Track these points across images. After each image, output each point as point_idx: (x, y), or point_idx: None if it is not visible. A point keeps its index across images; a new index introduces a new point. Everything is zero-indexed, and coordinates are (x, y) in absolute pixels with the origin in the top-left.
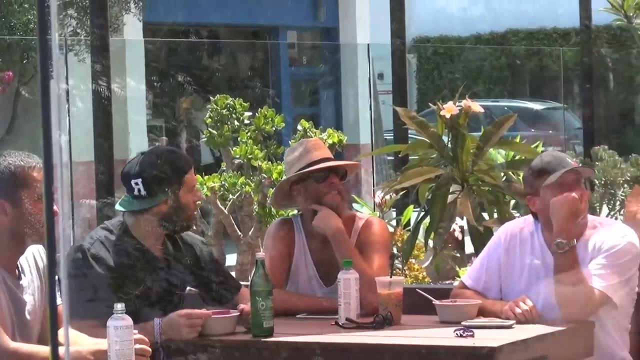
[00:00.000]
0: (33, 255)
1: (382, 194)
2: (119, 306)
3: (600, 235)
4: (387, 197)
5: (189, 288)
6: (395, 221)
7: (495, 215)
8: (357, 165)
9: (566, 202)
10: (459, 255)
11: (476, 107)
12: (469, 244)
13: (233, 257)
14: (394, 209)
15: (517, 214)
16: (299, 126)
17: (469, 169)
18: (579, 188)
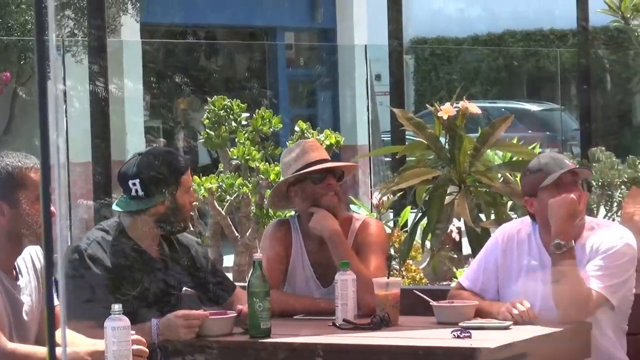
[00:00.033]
0: (30, 256)
1: (380, 195)
2: (117, 307)
3: (597, 236)
4: (385, 198)
5: (185, 288)
6: (393, 222)
7: (493, 217)
8: (354, 167)
9: (564, 203)
10: (456, 256)
11: (473, 109)
12: (466, 245)
13: (230, 258)
14: (392, 210)
15: (514, 215)
16: (296, 127)
17: (466, 170)
18: (577, 189)
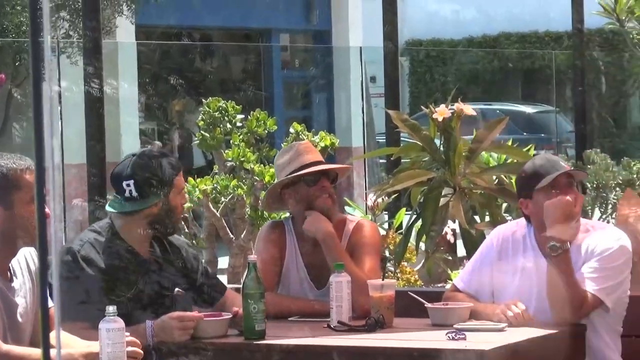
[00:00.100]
0: (25, 258)
1: (374, 196)
2: (111, 309)
3: (593, 238)
4: (379, 200)
5: (177, 289)
6: (388, 224)
7: (487, 219)
8: (348, 169)
9: (560, 205)
10: (451, 258)
11: (468, 110)
12: (461, 247)
13: (225, 259)
14: (386, 212)
15: (509, 217)
16: (291, 129)
17: (461, 172)
18: (572, 191)
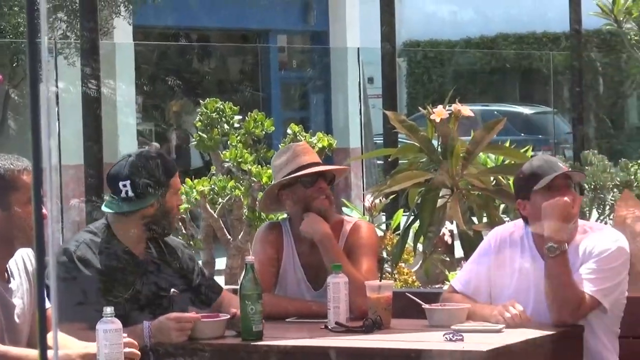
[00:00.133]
0: (22, 259)
1: (372, 197)
2: (109, 310)
3: (590, 239)
4: (377, 201)
5: (172, 290)
6: (385, 225)
7: (485, 220)
8: (345, 170)
9: (558, 206)
10: (448, 259)
11: (466, 111)
12: (458, 248)
13: (222, 260)
14: (384, 213)
15: (506, 218)
16: (288, 130)
17: (458, 173)
18: (570, 192)
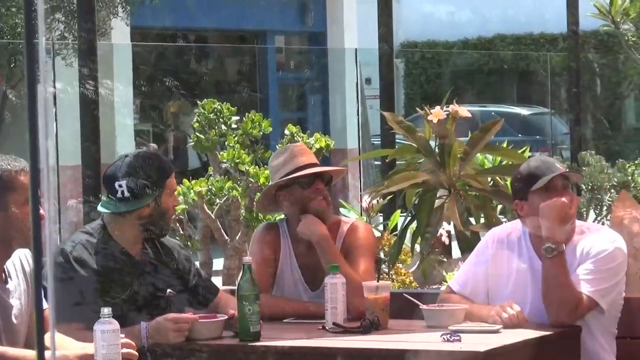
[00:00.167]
0: (20, 260)
1: (369, 198)
2: (106, 310)
3: (588, 240)
4: (374, 201)
5: (169, 290)
6: (382, 226)
7: (482, 220)
8: (342, 171)
9: (555, 207)
10: (445, 260)
11: (463, 112)
12: (456, 249)
13: (220, 261)
14: (381, 214)
15: (504, 219)
16: (286, 131)
17: (456, 174)
18: (567, 193)
